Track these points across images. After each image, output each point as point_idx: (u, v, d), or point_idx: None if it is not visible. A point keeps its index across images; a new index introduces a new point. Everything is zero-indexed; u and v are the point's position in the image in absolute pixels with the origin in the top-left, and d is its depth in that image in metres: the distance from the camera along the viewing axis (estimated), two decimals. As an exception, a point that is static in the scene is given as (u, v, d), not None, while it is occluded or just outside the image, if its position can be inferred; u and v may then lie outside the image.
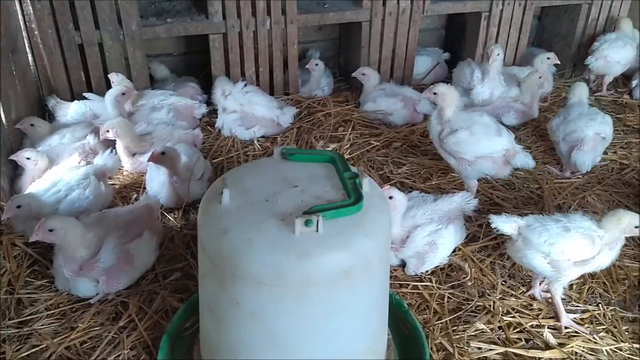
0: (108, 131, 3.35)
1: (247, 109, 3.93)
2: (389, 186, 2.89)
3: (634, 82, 4.66)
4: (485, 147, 3.20)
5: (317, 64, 4.41)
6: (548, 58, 4.46)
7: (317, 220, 1.73)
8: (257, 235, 1.75)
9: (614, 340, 2.52)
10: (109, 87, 3.87)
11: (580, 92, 3.76)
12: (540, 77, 4.19)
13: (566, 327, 2.57)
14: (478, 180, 3.40)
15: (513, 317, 2.62)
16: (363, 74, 4.26)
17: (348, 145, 3.92)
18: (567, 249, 2.50)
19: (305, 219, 1.72)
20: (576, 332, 2.55)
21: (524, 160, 3.24)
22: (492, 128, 3.25)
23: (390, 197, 2.74)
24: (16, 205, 2.78)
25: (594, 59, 4.62)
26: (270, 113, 3.97)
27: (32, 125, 3.49)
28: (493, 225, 2.61)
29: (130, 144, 3.47)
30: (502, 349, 2.44)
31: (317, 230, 1.74)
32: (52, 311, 2.59)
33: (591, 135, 3.49)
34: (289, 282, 1.73)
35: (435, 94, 3.25)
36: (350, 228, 1.79)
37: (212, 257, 1.83)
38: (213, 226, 1.83)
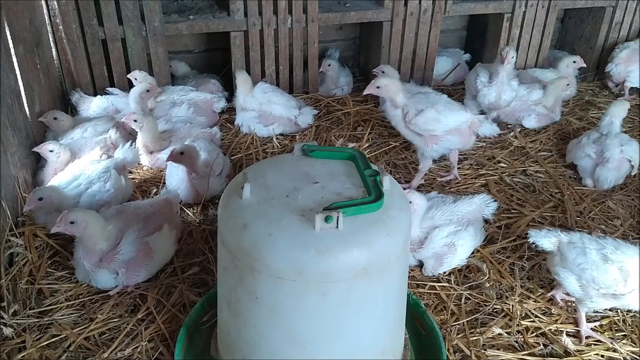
0: (136, 120, 3.39)
1: (265, 108, 3.94)
2: (408, 190, 2.88)
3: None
4: (454, 120, 3.32)
5: (329, 64, 4.40)
6: (574, 62, 4.43)
7: (338, 217, 1.72)
8: (277, 230, 1.75)
9: (634, 346, 2.48)
10: (130, 82, 3.91)
11: (615, 111, 3.68)
12: (568, 84, 4.16)
13: (587, 337, 2.54)
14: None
15: (532, 321, 2.59)
16: (382, 72, 4.25)
17: (367, 145, 3.91)
18: (598, 280, 2.40)
19: (326, 215, 1.72)
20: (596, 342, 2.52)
21: (490, 129, 3.49)
22: (453, 104, 3.42)
23: (410, 202, 2.72)
24: (38, 198, 2.81)
25: (614, 65, 4.57)
26: (288, 113, 3.98)
27: (55, 118, 3.54)
28: (531, 240, 2.55)
29: (149, 143, 3.51)
30: (520, 355, 2.42)
31: (337, 227, 1.73)
32: (72, 302, 2.63)
33: (617, 156, 3.48)
34: (308, 278, 1.73)
35: (378, 87, 3.31)
36: (370, 225, 1.78)
37: (231, 251, 1.84)
38: (233, 220, 1.84)
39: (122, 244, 2.63)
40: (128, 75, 3.92)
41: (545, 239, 2.54)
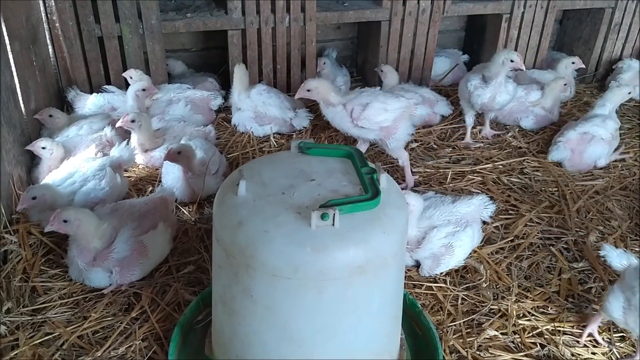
0: (133, 121, 3.36)
1: (261, 109, 3.92)
2: (405, 191, 2.86)
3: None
4: (398, 107, 3.38)
5: (324, 62, 4.41)
6: (572, 63, 4.43)
7: (334, 214, 1.71)
8: (273, 228, 1.73)
9: (633, 351, 2.46)
10: (127, 80, 3.89)
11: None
12: (565, 85, 4.15)
13: (588, 335, 2.51)
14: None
15: (528, 320, 2.58)
16: (381, 71, 4.25)
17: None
18: None
19: (322, 212, 1.70)
20: (594, 341, 2.50)
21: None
22: (387, 93, 3.53)
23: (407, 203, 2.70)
24: (31, 197, 2.80)
25: (617, 85, 4.58)
26: (283, 114, 3.96)
27: (50, 116, 3.51)
28: (602, 254, 2.48)
29: (145, 141, 3.49)
30: (516, 356, 2.40)
31: (333, 224, 1.72)
32: (66, 300, 2.60)
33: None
34: (303, 276, 1.71)
35: (309, 90, 3.35)
36: (367, 223, 1.76)
37: (226, 248, 1.82)
38: (229, 217, 1.82)
39: (116, 243, 2.60)
40: (123, 74, 3.90)
41: (617, 260, 2.43)
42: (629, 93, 3.88)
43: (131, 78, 3.82)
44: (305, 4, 4.12)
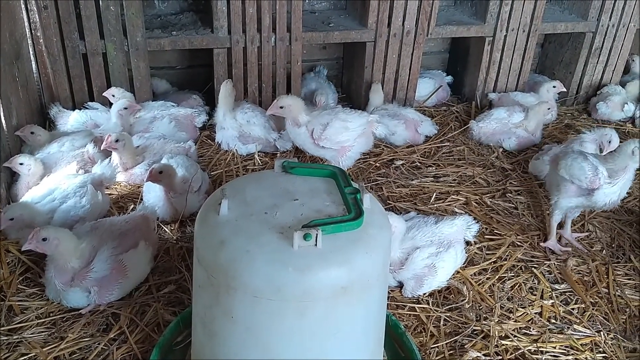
0: (117, 140, 3.33)
1: (245, 129, 3.91)
2: (390, 214, 2.85)
3: (637, 112, 4.68)
4: (359, 124, 3.47)
5: (323, 101, 4.34)
6: (554, 86, 4.51)
7: (317, 235, 1.69)
8: (255, 247, 1.71)
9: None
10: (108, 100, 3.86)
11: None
12: (549, 109, 4.22)
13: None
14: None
15: (511, 340, 2.58)
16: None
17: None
18: None
19: (305, 232, 1.69)
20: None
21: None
22: (350, 111, 3.61)
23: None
24: (9, 218, 2.76)
25: (605, 106, 4.76)
26: (267, 135, 3.96)
27: (32, 133, 3.47)
28: None
29: (127, 160, 3.46)
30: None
31: (315, 245, 1.70)
32: (43, 320, 2.55)
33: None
34: (286, 296, 1.69)
35: (282, 107, 3.41)
36: (350, 244, 1.75)
37: (207, 268, 1.80)
38: (210, 236, 1.79)
39: (95, 262, 2.56)
40: (104, 93, 3.85)
41: None
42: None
43: (113, 96, 3.79)
44: (292, 24, 4.14)
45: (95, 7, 3.72)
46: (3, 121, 3.31)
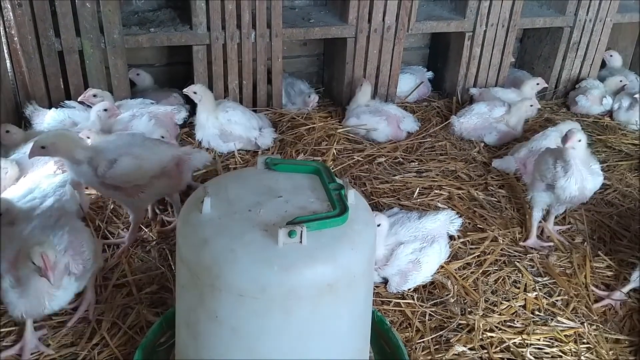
0: (95, 96, 3.27)
1: (226, 128, 3.88)
2: (376, 213, 2.83)
3: (615, 105, 4.73)
4: (158, 162, 2.82)
5: (315, 99, 4.48)
6: (537, 84, 4.56)
7: (301, 231, 1.67)
8: (239, 246, 1.69)
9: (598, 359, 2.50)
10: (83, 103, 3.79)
11: None
12: (532, 106, 4.27)
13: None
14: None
15: (496, 333, 2.59)
16: (361, 85, 4.31)
17: (331, 160, 3.88)
18: None
19: (289, 229, 1.67)
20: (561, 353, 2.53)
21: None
22: (151, 140, 2.99)
23: (379, 225, 2.68)
24: None
25: (585, 99, 4.81)
26: (248, 133, 3.93)
27: (7, 132, 3.40)
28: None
29: None
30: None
31: (300, 242, 1.68)
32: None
33: None
34: (271, 295, 1.67)
35: (43, 147, 2.73)
36: (335, 240, 1.74)
37: (191, 268, 1.77)
38: (193, 235, 1.77)
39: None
40: (82, 98, 3.70)
41: None
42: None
43: (94, 96, 3.71)
44: (272, 20, 4.11)
45: (70, 4, 3.65)
46: (-23, 121, 3.23)
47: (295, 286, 1.67)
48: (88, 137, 3.26)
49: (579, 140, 2.94)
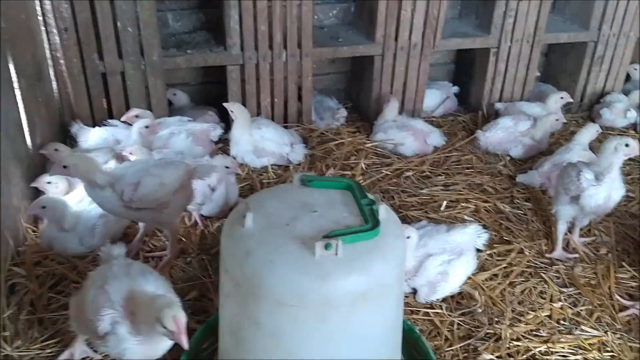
0: (131, 153, 3.48)
1: (259, 144, 4.06)
2: (406, 226, 2.93)
3: (638, 118, 4.78)
4: (175, 178, 2.97)
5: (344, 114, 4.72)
6: (561, 97, 4.62)
7: (337, 244, 1.81)
8: (278, 257, 1.83)
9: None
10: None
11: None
12: (557, 120, 4.36)
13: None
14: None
15: (522, 342, 2.67)
16: (388, 101, 4.46)
17: (360, 174, 4.01)
18: None
19: (325, 242, 1.80)
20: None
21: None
22: (162, 161, 3.16)
23: (408, 237, 2.81)
24: (41, 205, 2.97)
25: (609, 112, 4.87)
26: (280, 149, 4.11)
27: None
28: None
29: None
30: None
31: (336, 254, 1.82)
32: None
33: None
34: (308, 303, 1.80)
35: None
36: (368, 252, 1.87)
37: (234, 278, 1.91)
38: (236, 248, 1.91)
39: None
40: (125, 118, 3.87)
41: None
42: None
43: (137, 117, 3.90)
44: (302, 40, 4.27)
45: (113, 28, 3.87)
46: (28, 140, 3.45)
47: (331, 295, 1.81)
48: (131, 154, 3.46)
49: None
